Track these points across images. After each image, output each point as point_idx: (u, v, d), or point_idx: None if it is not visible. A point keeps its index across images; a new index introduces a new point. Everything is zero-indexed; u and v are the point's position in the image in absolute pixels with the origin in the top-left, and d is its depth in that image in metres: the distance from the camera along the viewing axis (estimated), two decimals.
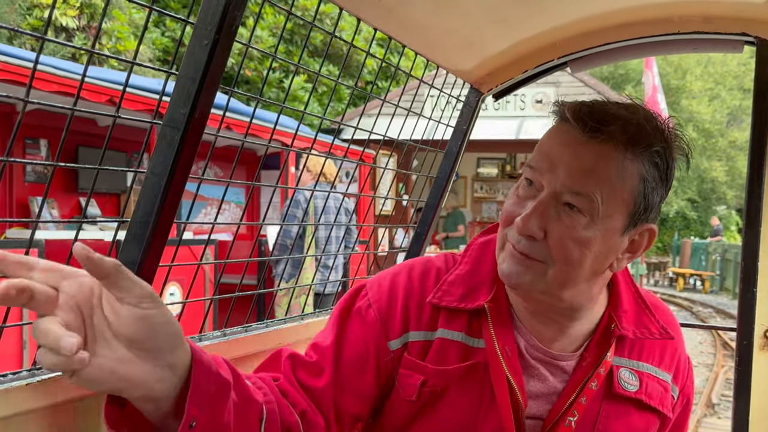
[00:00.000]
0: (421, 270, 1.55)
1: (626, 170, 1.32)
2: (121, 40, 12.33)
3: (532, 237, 1.32)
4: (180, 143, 1.36)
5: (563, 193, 1.31)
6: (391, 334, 1.46)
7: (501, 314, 1.46)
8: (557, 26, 2.13)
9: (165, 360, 1.04)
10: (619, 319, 1.48)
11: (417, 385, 1.44)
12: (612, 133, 1.30)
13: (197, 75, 1.34)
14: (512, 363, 1.42)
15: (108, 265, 0.95)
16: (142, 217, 1.42)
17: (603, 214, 1.31)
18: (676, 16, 2.07)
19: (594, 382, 1.44)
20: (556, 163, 1.32)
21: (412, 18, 1.86)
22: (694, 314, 17.46)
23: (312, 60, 17.75)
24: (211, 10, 1.32)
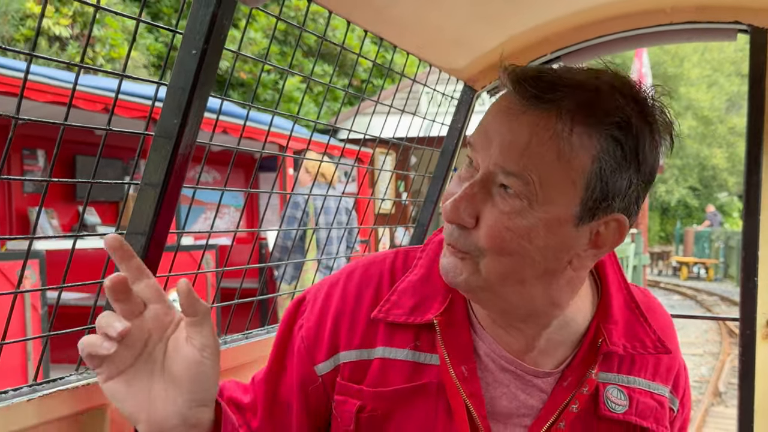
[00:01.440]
0: (359, 278, 1.34)
1: (573, 146, 1.07)
2: (115, 47, 12.32)
3: (462, 225, 1.13)
4: (173, 153, 1.36)
5: (496, 173, 1.09)
6: (317, 357, 1.28)
7: (457, 326, 1.26)
8: (548, 21, 2.12)
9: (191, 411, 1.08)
10: (609, 332, 1.25)
11: (353, 411, 1.25)
12: (557, 100, 1.07)
13: (187, 84, 1.33)
14: (471, 382, 1.22)
15: (201, 308, 1.06)
16: (138, 229, 1.41)
17: (543, 199, 1.08)
18: (668, 6, 2.07)
19: (575, 404, 1.23)
20: (491, 138, 1.11)
21: (402, 18, 1.86)
22: (698, 303, 17.46)
23: (306, 60, 17.75)
24: (199, 19, 1.32)
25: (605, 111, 1.08)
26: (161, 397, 1.07)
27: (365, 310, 1.29)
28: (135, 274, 1.06)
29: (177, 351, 1.07)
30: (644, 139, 1.11)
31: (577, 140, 1.07)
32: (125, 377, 1.07)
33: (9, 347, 1.37)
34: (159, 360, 1.08)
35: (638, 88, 1.14)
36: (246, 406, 1.31)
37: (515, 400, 1.24)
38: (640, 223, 18.14)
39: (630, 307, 1.31)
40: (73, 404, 1.38)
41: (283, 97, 16.25)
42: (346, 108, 15.77)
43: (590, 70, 1.15)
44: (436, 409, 1.23)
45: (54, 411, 1.33)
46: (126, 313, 1.05)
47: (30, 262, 5.05)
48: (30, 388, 1.35)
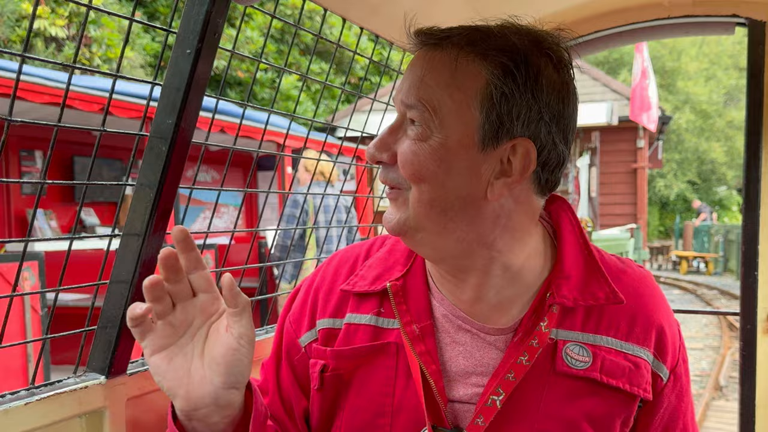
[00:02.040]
0: (341, 259, 1.47)
1: (462, 73, 1.16)
2: (112, 48, 12.31)
3: (383, 162, 1.23)
4: (168, 153, 1.35)
5: (404, 111, 1.22)
6: (300, 331, 1.42)
7: (413, 290, 1.34)
8: (545, 16, 2.11)
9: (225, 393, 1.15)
10: (558, 286, 1.27)
11: (318, 371, 1.36)
12: (451, 40, 1.19)
13: (182, 84, 1.33)
14: (424, 341, 1.28)
15: (242, 301, 1.14)
16: (134, 230, 1.41)
17: (440, 124, 1.17)
18: (665, 0, 2.06)
19: (524, 356, 1.24)
20: (403, 83, 1.23)
21: (397, 15, 1.85)
22: (698, 297, 17.45)
23: (304, 58, 17.73)
24: (192, 18, 1.31)
25: (493, 43, 1.17)
26: (199, 377, 1.14)
27: (340, 284, 1.41)
28: (193, 264, 1.16)
29: (217, 337, 1.16)
30: (541, 68, 1.17)
31: (466, 66, 1.17)
32: (168, 353, 1.15)
33: (9, 349, 1.36)
34: (200, 343, 1.17)
35: (539, 31, 1.22)
36: (260, 387, 1.44)
37: (471, 358, 1.28)
38: (639, 218, 18.16)
39: (588, 264, 1.31)
40: (72, 407, 1.37)
41: (281, 95, 16.26)
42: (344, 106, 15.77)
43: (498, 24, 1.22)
44: (396, 368, 1.31)
45: (52, 414, 1.33)
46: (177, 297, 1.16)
47: (29, 263, 5.04)
48: (28, 392, 1.35)
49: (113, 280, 1.44)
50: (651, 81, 13.48)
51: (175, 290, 1.16)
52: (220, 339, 1.15)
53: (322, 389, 1.36)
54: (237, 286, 1.14)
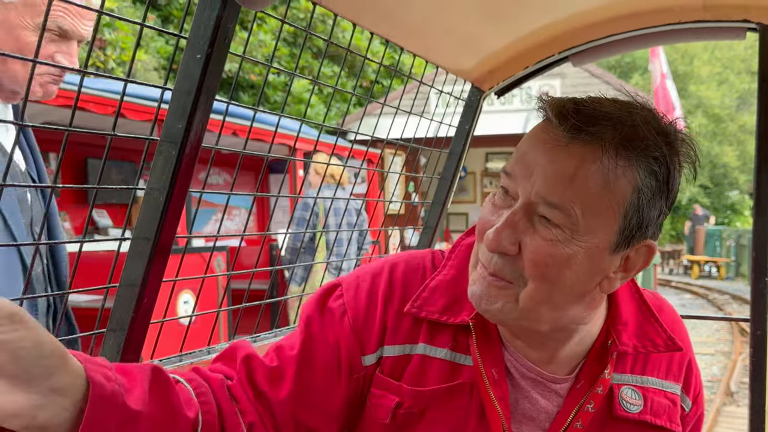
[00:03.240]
0: (404, 269, 1.37)
1: (616, 179, 1.13)
2: (126, 51, 12.37)
3: (504, 253, 1.17)
4: (178, 158, 1.36)
5: (537, 203, 1.14)
6: (366, 348, 1.31)
7: (487, 331, 1.30)
8: (556, 20, 2.11)
9: (43, 386, 0.94)
10: (618, 333, 1.30)
11: (391, 407, 1.28)
12: (600, 134, 1.12)
13: (192, 89, 1.33)
14: (500, 386, 1.27)
15: None
16: (144, 234, 1.41)
17: (584, 230, 1.13)
18: (676, 5, 2.05)
19: (590, 403, 1.27)
20: (532, 169, 1.15)
21: (408, 20, 1.85)
22: (710, 302, 17.36)
23: (316, 62, 17.76)
24: (203, 23, 1.32)
25: (645, 145, 1.13)
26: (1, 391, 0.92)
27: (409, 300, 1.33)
28: None
29: None
30: (673, 169, 1.18)
31: (621, 172, 1.12)
32: None
33: None
34: None
35: (664, 120, 1.20)
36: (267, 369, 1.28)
37: (536, 405, 1.29)
38: None
39: (641, 308, 1.35)
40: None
41: (293, 98, 16.27)
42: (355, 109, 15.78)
43: (618, 101, 1.19)
44: (468, 409, 1.28)
45: None
46: None
47: None
48: None
49: (123, 283, 1.45)
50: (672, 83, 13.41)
51: None
52: None
53: (392, 424, 1.29)
54: None
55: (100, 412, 0.98)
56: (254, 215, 11.20)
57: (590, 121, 1.12)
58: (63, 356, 0.96)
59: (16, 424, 0.92)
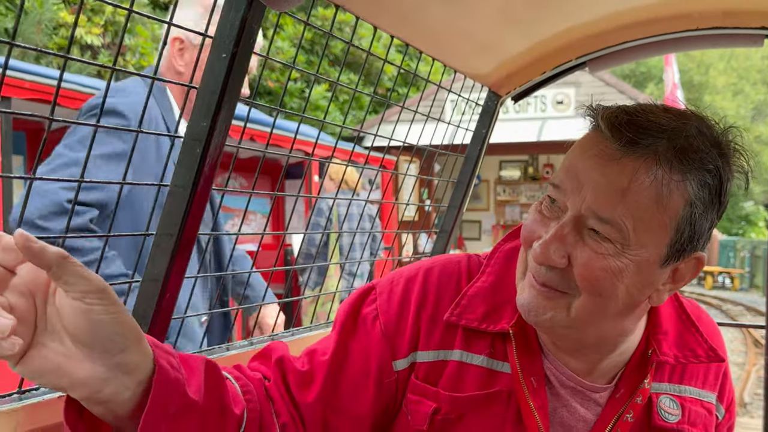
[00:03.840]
0: (439, 275, 1.37)
1: (670, 193, 1.11)
2: (145, 56, 12.47)
3: (556, 268, 1.15)
4: (202, 155, 1.38)
5: (588, 217, 1.13)
6: (398, 353, 1.31)
7: (528, 339, 1.30)
8: (574, 26, 2.13)
9: (114, 360, 0.95)
10: (659, 343, 1.29)
11: (428, 413, 1.28)
12: (653, 146, 1.10)
13: (217, 87, 1.35)
14: (538, 395, 1.26)
15: (50, 256, 0.88)
16: (167, 230, 1.43)
17: (635, 244, 1.12)
18: (695, 11, 2.06)
19: (629, 413, 1.27)
20: (583, 182, 1.14)
21: (427, 24, 1.87)
22: (724, 312, 17.28)
23: (333, 69, 17.82)
24: (228, 23, 1.34)
25: (699, 157, 1.12)
26: (75, 359, 0.94)
27: (445, 309, 1.32)
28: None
29: (62, 307, 0.94)
30: (726, 180, 1.16)
31: (674, 186, 1.11)
32: (33, 353, 0.93)
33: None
34: (56, 322, 0.94)
35: (717, 129, 1.18)
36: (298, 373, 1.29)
37: (574, 414, 1.29)
38: None
39: (681, 318, 1.34)
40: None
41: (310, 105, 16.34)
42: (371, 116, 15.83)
43: (669, 110, 1.18)
44: (505, 417, 1.27)
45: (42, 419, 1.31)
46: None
47: None
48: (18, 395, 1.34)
49: (145, 279, 1.47)
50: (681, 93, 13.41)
51: None
52: (68, 309, 0.93)
53: (428, 430, 1.29)
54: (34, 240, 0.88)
55: (163, 396, 1.00)
56: (270, 221, 11.22)
57: (644, 133, 1.11)
58: (138, 337, 0.99)
59: (81, 392, 0.95)
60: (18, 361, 0.91)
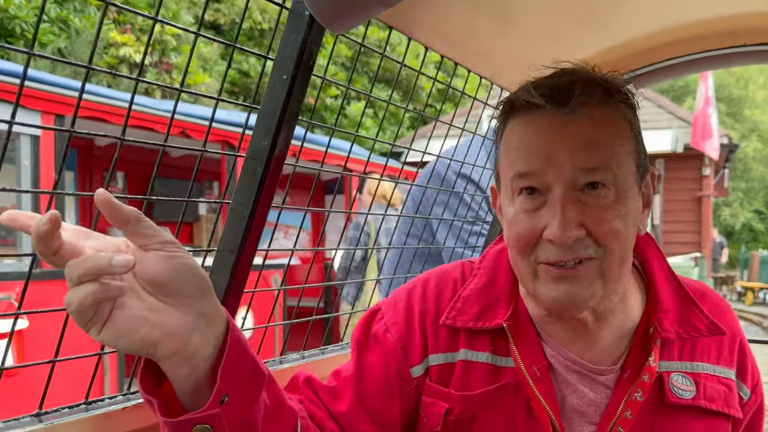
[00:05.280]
0: (436, 283, 1.42)
1: (619, 122, 1.21)
2: (191, 74, 12.71)
3: (577, 239, 1.16)
4: (263, 174, 1.42)
5: (578, 176, 1.17)
6: (412, 360, 1.35)
7: (524, 329, 1.33)
8: (618, 44, 2.14)
9: (196, 307, 0.97)
10: (660, 321, 1.31)
11: (441, 413, 1.32)
12: (587, 93, 1.19)
13: (278, 108, 1.40)
14: (543, 382, 1.28)
15: (128, 212, 0.93)
16: (229, 246, 1.48)
17: (622, 176, 1.18)
18: (741, 28, 2.06)
19: (638, 392, 1.27)
20: (554, 153, 1.18)
21: (477, 45, 1.90)
22: (765, 329, 16.96)
23: (376, 86, 17.96)
24: (289, 45, 1.38)
25: (614, 86, 1.22)
26: (162, 309, 0.96)
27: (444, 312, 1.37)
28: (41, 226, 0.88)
29: (142, 263, 0.94)
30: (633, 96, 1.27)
31: (619, 115, 1.21)
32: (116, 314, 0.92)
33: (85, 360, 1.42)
34: (133, 281, 0.95)
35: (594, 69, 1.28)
36: (328, 389, 1.35)
37: (584, 398, 1.30)
38: (703, 246, 17.79)
39: (680, 295, 1.35)
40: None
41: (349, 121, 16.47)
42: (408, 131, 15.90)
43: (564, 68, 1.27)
44: (516, 408, 1.29)
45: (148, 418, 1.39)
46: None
47: None
48: (124, 397, 1.42)
49: None
50: (714, 109, 13.30)
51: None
52: (151, 260, 0.95)
53: (443, 431, 1.32)
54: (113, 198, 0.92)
55: (238, 353, 1.02)
56: (309, 235, 11.34)
57: (572, 88, 1.18)
58: (211, 287, 1.01)
59: (172, 344, 0.95)
60: (102, 326, 0.90)
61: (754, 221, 35.85)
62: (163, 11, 13.35)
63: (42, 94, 5.13)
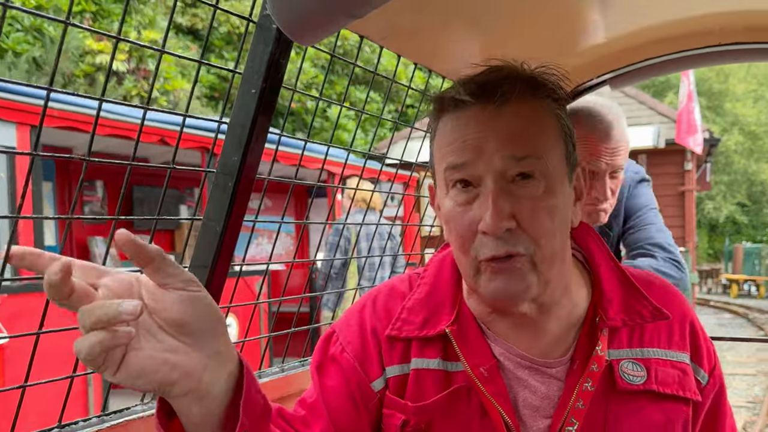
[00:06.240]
0: (385, 298, 1.42)
1: (546, 114, 1.23)
2: (170, 80, 12.65)
3: (508, 230, 1.17)
4: (234, 189, 1.40)
5: (508, 167, 1.18)
6: (371, 375, 1.35)
7: (469, 331, 1.33)
8: (597, 45, 2.13)
9: (212, 346, 0.97)
10: (605, 310, 1.32)
11: (398, 425, 1.32)
12: (513, 86, 1.20)
13: (247, 122, 1.38)
14: (493, 382, 1.28)
15: (152, 250, 0.91)
16: (201, 262, 1.46)
17: (551, 167, 1.21)
18: (717, 28, 2.06)
19: (588, 382, 1.28)
20: (485, 144, 1.19)
21: (449, 52, 1.89)
22: (750, 321, 17.08)
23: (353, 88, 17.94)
24: (257, 59, 1.36)
25: (536, 81, 1.24)
26: (180, 349, 0.95)
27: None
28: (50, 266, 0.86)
29: (162, 302, 0.94)
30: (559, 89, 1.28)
31: (546, 107, 1.23)
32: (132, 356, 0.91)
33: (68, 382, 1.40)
34: (150, 322, 0.94)
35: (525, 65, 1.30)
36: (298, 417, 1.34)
37: (537, 393, 1.30)
38: (687, 240, 17.90)
39: (624, 285, 1.37)
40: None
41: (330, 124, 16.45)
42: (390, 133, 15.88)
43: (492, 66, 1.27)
44: (470, 413, 1.29)
45: None
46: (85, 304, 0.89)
47: None
48: (99, 419, 1.40)
49: None
50: (696, 104, 13.39)
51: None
52: (173, 300, 0.94)
53: None
54: (136, 237, 0.90)
55: (254, 390, 1.03)
56: (293, 239, 11.31)
57: (499, 84, 1.20)
58: (224, 323, 1.01)
59: (186, 384, 0.94)
60: (117, 369, 0.89)
61: (737, 214, 36.12)
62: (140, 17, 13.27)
63: (17, 105, 5.08)
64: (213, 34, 16.08)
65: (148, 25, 13.21)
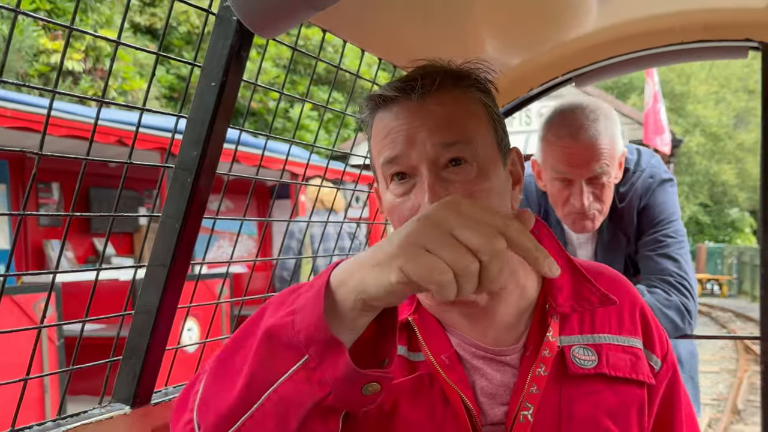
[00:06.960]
0: None
1: (469, 102, 1.26)
2: (127, 80, 12.46)
3: None
4: (193, 185, 1.37)
5: (440, 153, 1.21)
6: None
7: (428, 322, 1.36)
8: (561, 43, 2.14)
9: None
10: (554, 297, 1.36)
11: None
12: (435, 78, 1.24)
13: (207, 117, 1.34)
14: (454, 370, 1.31)
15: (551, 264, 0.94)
16: (159, 261, 1.42)
17: (482, 153, 1.23)
18: (677, 26, 2.07)
19: (541, 367, 1.31)
20: (415, 134, 1.22)
21: (414, 45, 1.87)
22: (713, 319, 17.32)
23: (316, 88, 17.86)
24: (217, 52, 1.33)
25: (462, 73, 1.28)
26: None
27: None
28: None
29: None
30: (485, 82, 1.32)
31: (470, 96, 1.26)
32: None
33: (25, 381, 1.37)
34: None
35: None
36: None
37: (493, 381, 1.33)
38: None
39: (573, 273, 1.40)
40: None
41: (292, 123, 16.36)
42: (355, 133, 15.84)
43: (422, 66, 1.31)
44: (432, 399, 1.31)
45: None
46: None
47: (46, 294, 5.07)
48: (55, 423, 1.36)
49: (138, 311, 1.46)
50: (662, 105, 13.56)
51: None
52: None
53: (365, 422, 1.30)
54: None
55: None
56: (255, 242, 11.23)
57: (420, 77, 1.23)
58: None
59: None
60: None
61: (700, 214, 36.64)
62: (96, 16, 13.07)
63: None
64: (172, 34, 15.91)
65: (105, 24, 13.03)
